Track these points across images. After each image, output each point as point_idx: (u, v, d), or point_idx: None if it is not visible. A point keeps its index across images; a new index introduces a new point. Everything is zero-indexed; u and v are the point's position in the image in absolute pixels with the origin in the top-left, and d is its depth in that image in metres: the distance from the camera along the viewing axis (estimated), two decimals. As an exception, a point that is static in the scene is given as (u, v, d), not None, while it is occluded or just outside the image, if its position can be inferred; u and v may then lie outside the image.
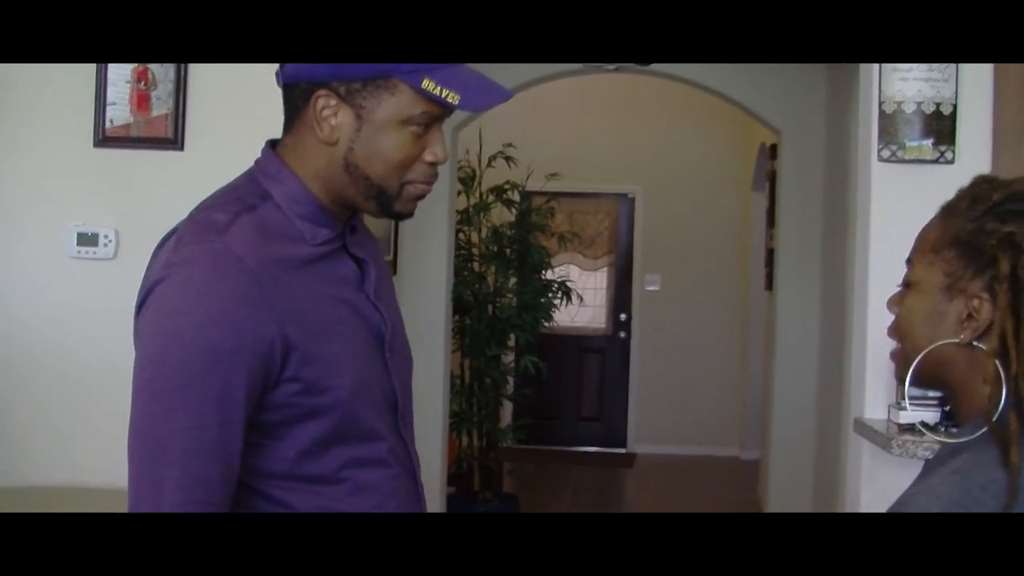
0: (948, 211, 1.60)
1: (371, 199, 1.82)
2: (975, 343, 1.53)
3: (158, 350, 1.68)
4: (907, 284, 1.63)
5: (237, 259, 1.68)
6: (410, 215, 1.87)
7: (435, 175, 1.85)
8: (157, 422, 1.66)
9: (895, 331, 1.66)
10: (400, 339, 1.96)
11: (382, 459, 1.86)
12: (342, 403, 1.76)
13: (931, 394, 2.79)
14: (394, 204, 1.82)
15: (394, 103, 1.75)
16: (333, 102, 1.76)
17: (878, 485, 3.57)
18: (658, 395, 10.80)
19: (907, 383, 1.61)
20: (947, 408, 2.91)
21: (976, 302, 1.53)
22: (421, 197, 1.85)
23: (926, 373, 1.60)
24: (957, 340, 1.55)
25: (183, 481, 1.63)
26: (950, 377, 1.59)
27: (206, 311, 1.65)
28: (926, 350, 1.57)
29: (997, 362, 1.49)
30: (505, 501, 7.85)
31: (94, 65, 3.47)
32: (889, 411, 3.49)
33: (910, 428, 3.30)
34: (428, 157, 1.80)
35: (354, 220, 1.91)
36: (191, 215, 1.82)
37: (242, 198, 1.81)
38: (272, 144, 1.90)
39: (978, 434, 1.50)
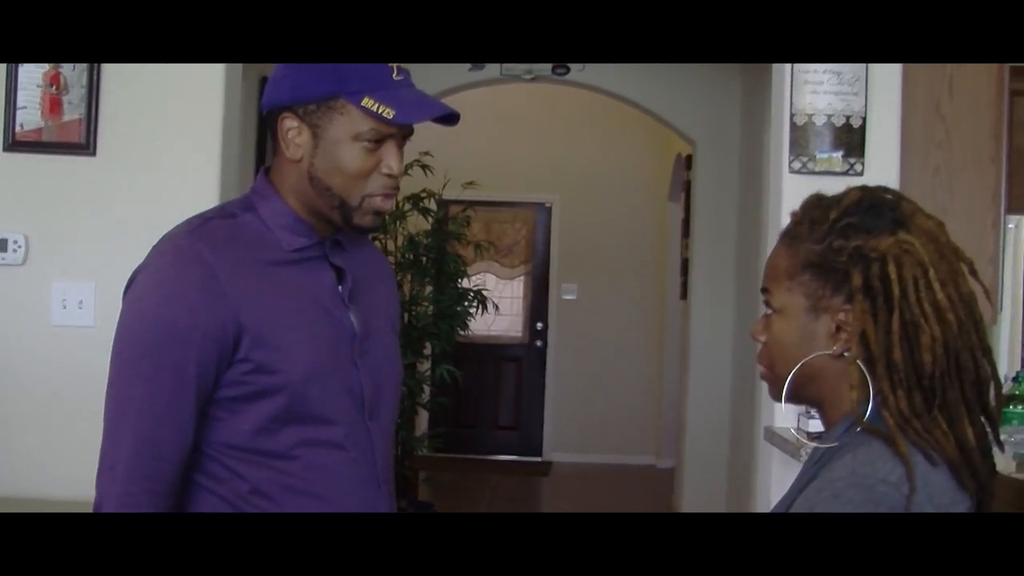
0: (791, 237, 1.69)
1: (335, 209, 2.02)
2: (845, 353, 1.61)
3: (125, 327, 1.95)
4: (772, 311, 1.70)
5: (198, 253, 1.93)
6: (371, 229, 2.10)
7: (394, 187, 2.04)
8: (119, 387, 1.93)
9: (765, 357, 1.73)
10: (379, 343, 2.16)
11: (337, 443, 2.03)
12: (292, 385, 1.96)
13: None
14: (354, 215, 2.02)
15: (343, 121, 1.97)
16: (295, 123, 1.99)
17: (788, 492, 3.61)
18: (574, 404, 10.83)
19: (783, 400, 1.69)
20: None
21: (842, 315, 1.61)
22: (380, 212, 2.04)
23: (800, 388, 1.68)
24: (829, 352, 1.62)
25: (138, 437, 1.89)
26: (821, 388, 1.67)
27: (164, 295, 1.92)
28: (799, 364, 1.65)
29: (862, 366, 1.59)
30: (420, 509, 7.84)
31: (3, 69, 3.42)
32: (798, 420, 3.54)
33: (818, 436, 3.34)
34: (384, 170, 2.00)
35: (338, 236, 2.10)
36: (184, 221, 2.04)
37: (225, 208, 2.09)
38: (266, 169, 2.11)
39: (852, 433, 1.60)
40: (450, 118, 2.02)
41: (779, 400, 1.71)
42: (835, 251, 1.61)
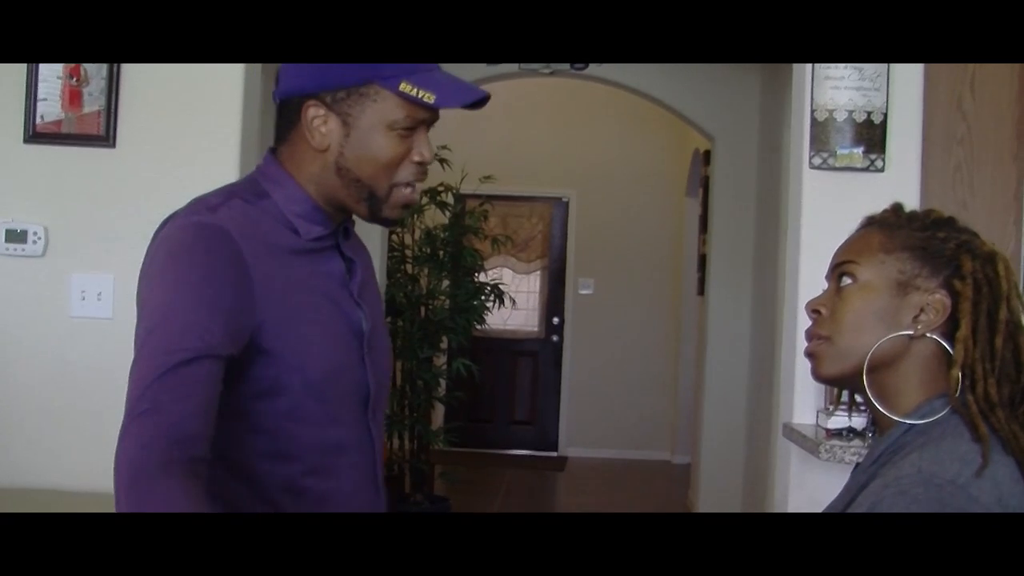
0: (885, 224, 1.71)
1: (363, 201, 1.95)
2: (928, 335, 1.63)
3: (146, 300, 1.80)
4: (853, 282, 1.68)
5: (224, 232, 1.81)
6: (396, 221, 2.05)
7: (423, 174, 1.98)
8: (142, 362, 1.72)
9: (827, 327, 1.71)
10: (380, 338, 2.09)
11: (344, 447, 1.98)
12: (310, 385, 1.88)
13: (859, 399, 2.83)
14: (382, 208, 1.95)
15: (377, 108, 1.89)
16: (322, 111, 1.91)
17: (806, 489, 3.61)
18: (590, 399, 10.83)
19: (864, 369, 1.67)
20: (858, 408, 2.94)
21: (932, 297, 1.63)
22: (408, 205, 1.99)
23: (869, 368, 1.66)
24: (911, 332, 1.64)
25: (154, 398, 1.66)
26: (887, 373, 1.66)
27: (188, 265, 1.78)
28: (883, 339, 1.64)
29: (949, 349, 1.61)
30: (436, 504, 7.84)
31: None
32: (818, 416, 3.53)
33: (838, 433, 3.33)
34: (416, 157, 1.94)
35: (348, 223, 2.05)
36: (189, 202, 1.93)
37: (237, 192, 1.95)
38: (272, 151, 2.02)
39: (915, 431, 1.60)
40: (482, 101, 1.95)
41: (825, 377, 1.72)
42: (940, 240, 1.64)
